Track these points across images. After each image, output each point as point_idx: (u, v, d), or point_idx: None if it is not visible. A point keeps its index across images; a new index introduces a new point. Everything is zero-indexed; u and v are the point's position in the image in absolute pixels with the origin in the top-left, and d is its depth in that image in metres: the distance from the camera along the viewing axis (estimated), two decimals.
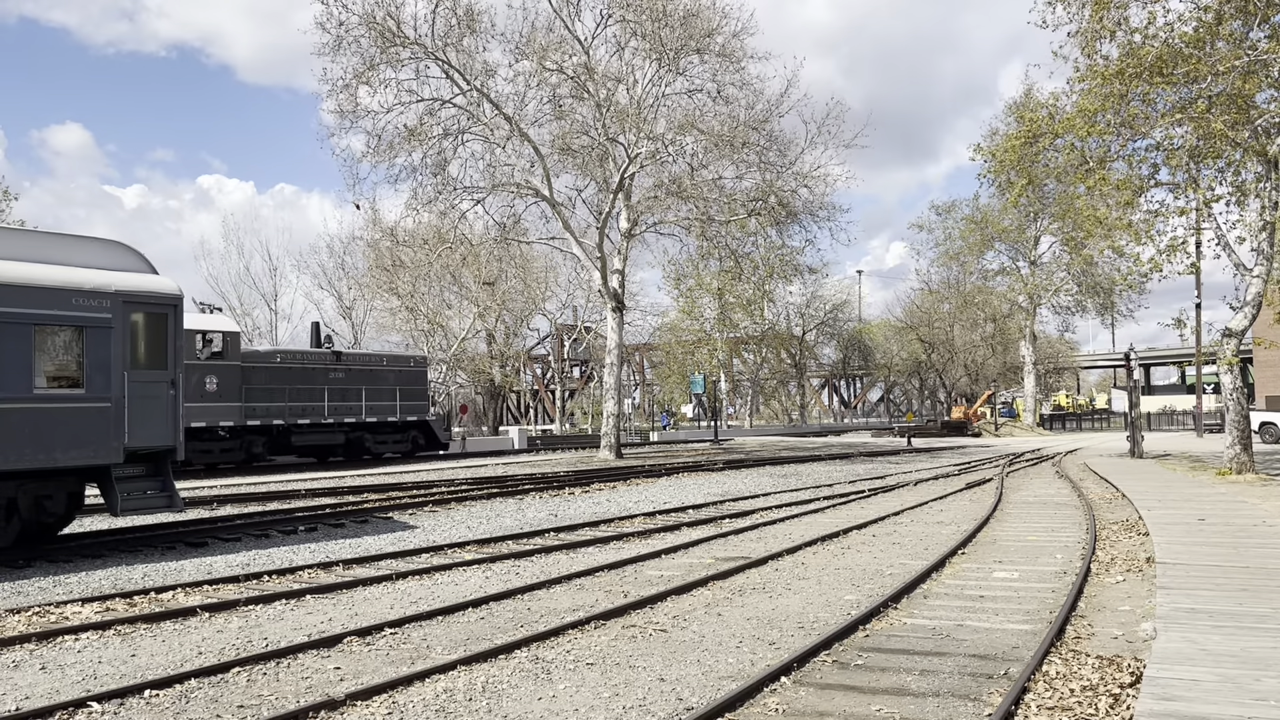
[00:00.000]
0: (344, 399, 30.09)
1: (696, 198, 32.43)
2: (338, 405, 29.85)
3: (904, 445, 45.44)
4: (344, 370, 30.20)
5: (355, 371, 30.65)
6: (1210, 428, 48.09)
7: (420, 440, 33.30)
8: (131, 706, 6.15)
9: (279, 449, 28.79)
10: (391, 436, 32.04)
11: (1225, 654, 6.16)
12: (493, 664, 7.01)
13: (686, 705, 6.03)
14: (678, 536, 13.78)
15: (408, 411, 32.25)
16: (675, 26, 30.99)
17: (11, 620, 8.60)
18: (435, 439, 33.71)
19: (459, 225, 32.59)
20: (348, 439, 30.53)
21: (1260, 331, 35.73)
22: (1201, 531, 11.97)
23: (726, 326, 70.17)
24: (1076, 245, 37.41)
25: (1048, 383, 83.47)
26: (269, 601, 9.33)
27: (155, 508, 12.59)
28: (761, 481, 23.39)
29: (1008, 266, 64.34)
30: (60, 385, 11.74)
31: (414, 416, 32.54)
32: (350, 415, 30.30)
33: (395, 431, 32.14)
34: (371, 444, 31.28)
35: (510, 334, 61.27)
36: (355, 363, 31.02)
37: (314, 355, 29.85)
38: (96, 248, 12.67)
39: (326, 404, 29.50)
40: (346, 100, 29.42)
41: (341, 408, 29.98)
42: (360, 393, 30.61)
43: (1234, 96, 19.51)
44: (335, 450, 30.66)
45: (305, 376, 28.96)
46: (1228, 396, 21.98)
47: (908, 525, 14.78)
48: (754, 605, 9.00)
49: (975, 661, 6.97)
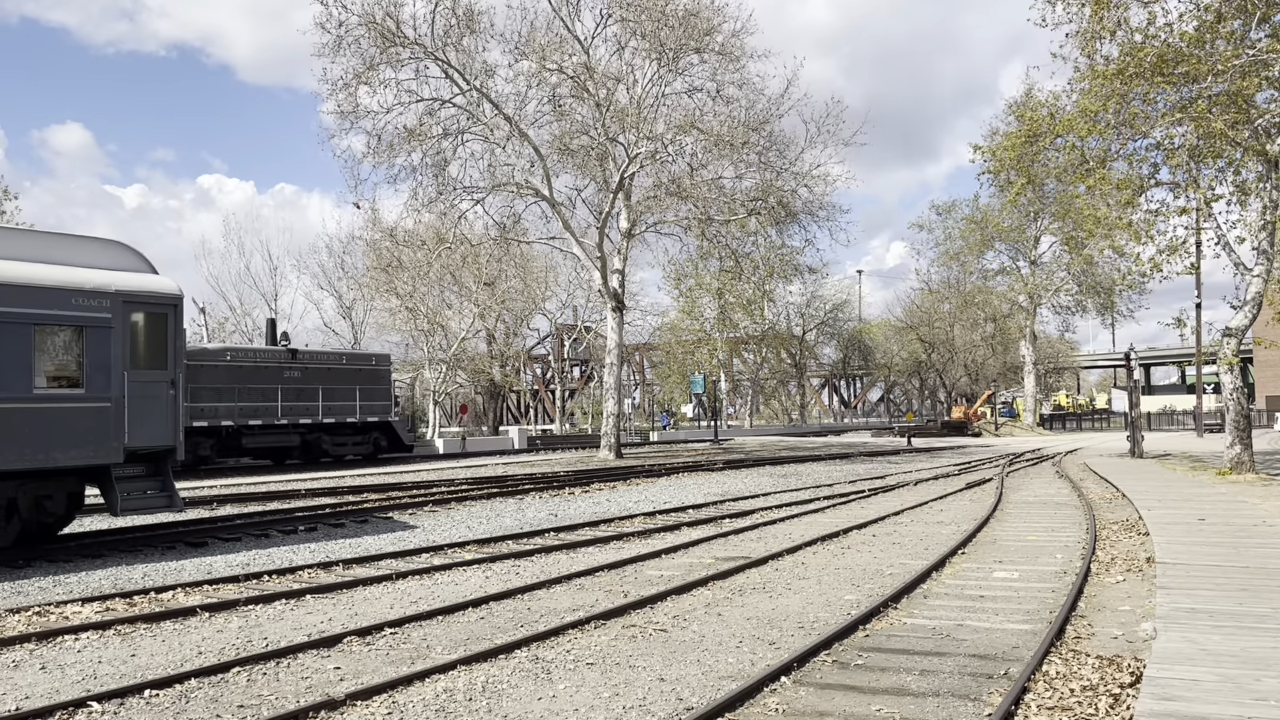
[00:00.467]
0: (299, 399, 29.12)
1: (696, 198, 32.43)
2: (292, 405, 28.89)
3: (904, 445, 45.43)
4: (300, 369, 29.24)
5: (312, 370, 29.66)
6: (1210, 428, 48.10)
7: (382, 442, 32.29)
8: (131, 706, 6.15)
9: (229, 451, 27.95)
10: (351, 438, 31.05)
11: (1225, 654, 6.16)
12: (493, 664, 7.01)
13: (686, 705, 6.03)
14: (678, 536, 13.78)
15: (368, 412, 31.23)
16: (675, 26, 31.00)
17: (11, 620, 8.60)
18: (399, 441, 32.72)
19: (459, 225, 32.58)
20: (304, 440, 29.58)
21: (1260, 331, 35.77)
22: (1202, 531, 11.97)
23: (726, 326, 70.15)
24: (1076, 245, 37.44)
25: (1048, 383, 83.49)
26: (269, 601, 9.32)
27: (155, 508, 12.59)
28: (761, 481, 23.39)
29: (1008, 266, 64.43)
30: (60, 385, 11.74)
31: (375, 417, 31.54)
32: (306, 416, 29.35)
33: (355, 433, 31.16)
34: (329, 446, 30.29)
35: (510, 334, 61.25)
36: (312, 361, 30.06)
37: (267, 353, 28.99)
38: (96, 247, 12.68)
39: (280, 404, 28.54)
40: (346, 101, 29.45)
41: (297, 408, 29.02)
42: (317, 392, 29.64)
43: (1234, 96, 19.50)
44: (290, 452, 29.70)
45: (258, 375, 28.00)
46: (1228, 396, 21.98)
47: (908, 525, 14.78)
48: (754, 605, 8.99)
49: (975, 661, 6.96)
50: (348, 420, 30.54)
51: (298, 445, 29.51)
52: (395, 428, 32.42)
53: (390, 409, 32.32)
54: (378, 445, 32.14)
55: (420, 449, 38.76)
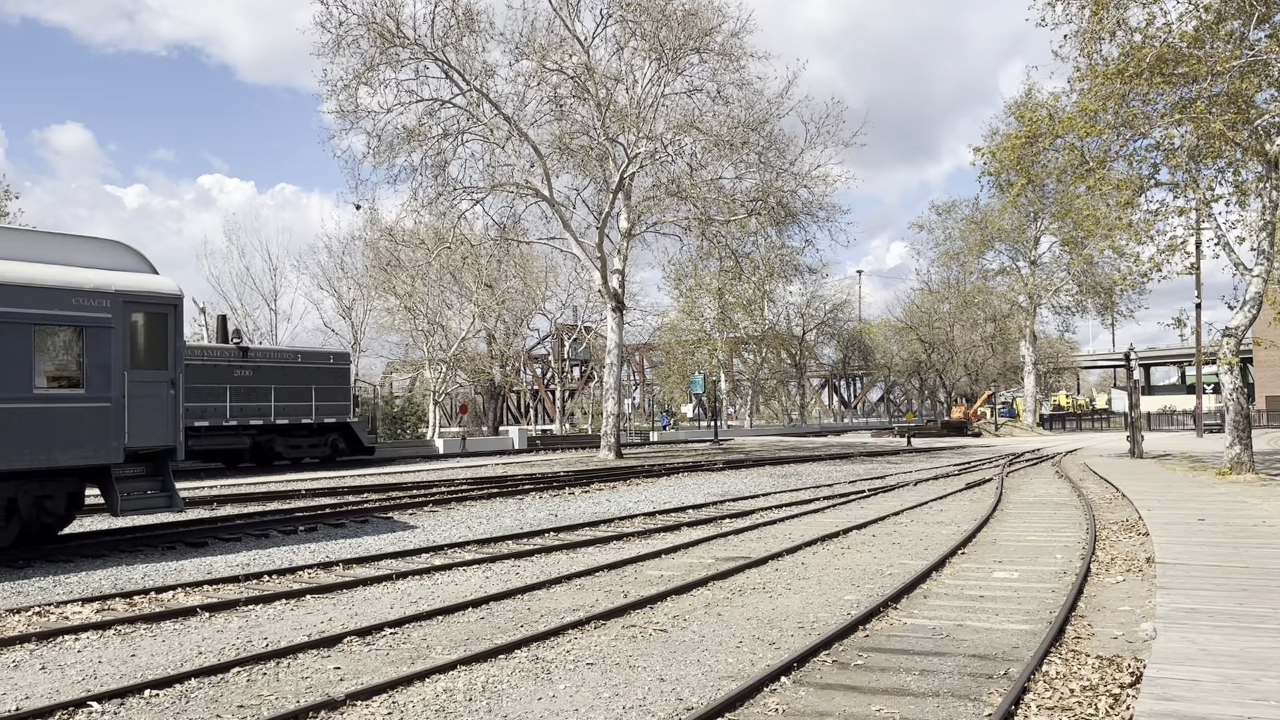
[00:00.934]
0: (250, 399, 27.68)
1: (696, 198, 32.44)
2: (243, 406, 27.48)
3: (904, 445, 45.44)
4: (251, 368, 27.84)
5: (264, 369, 28.26)
6: (1210, 428, 48.09)
7: (340, 444, 30.72)
8: (131, 706, 6.15)
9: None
10: (307, 440, 29.53)
11: (1225, 654, 6.16)
12: (493, 664, 7.01)
13: (686, 705, 6.03)
14: (678, 536, 13.78)
15: (325, 413, 29.64)
16: (675, 26, 31.02)
17: (11, 620, 8.60)
18: (358, 443, 31.06)
19: (458, 225, 32.58)
20: (255, 442, 28.21)
21: (1260, 331, 35.74)
22: (1201, 532, 11.97)
23: (726, 326, 70.14)
24: (1076, 245, 37.50)
25: (1048, 383, 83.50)
26: (269, 601, 9.32)
27: (155, 508, 12.60)
28: (761, 481, 23.39)
29: (1008, 266, 64.42)
30: (60, 385, 11.74)
31: (332, 418, 29.90)
32: (257, 417, 27.93)
33: (311, 435, 29.63)
34: (283, 448, 28.92)
35: (510, 334, 61.25)
36: (265, 359, 28.61)
37: (215, 351, 27.67)
38: (96, 247, 12.68)
39: (229, 404, 27.14)
40: (346, 100, 29.47)
41: (247, 408, 27.60)
42: (270, 392, 28.21)
43: (1233, 96, 19.51)
44: (241, 455, 28.34)
45: (204, 374, 26.33)
46: (1227, 396, 21.98)
47: (908, 525, 14.78)
48: (754, 605, 9.00)
49: (975, 661, 6.97)
50: (302, 421, 28.99)
51: (248, 448, 28.13)
52: (354, 429, 30.85)
53: (349, 409, 30.83)
54: (335, 448, 30.62)
55: (420, 449, 38.76)
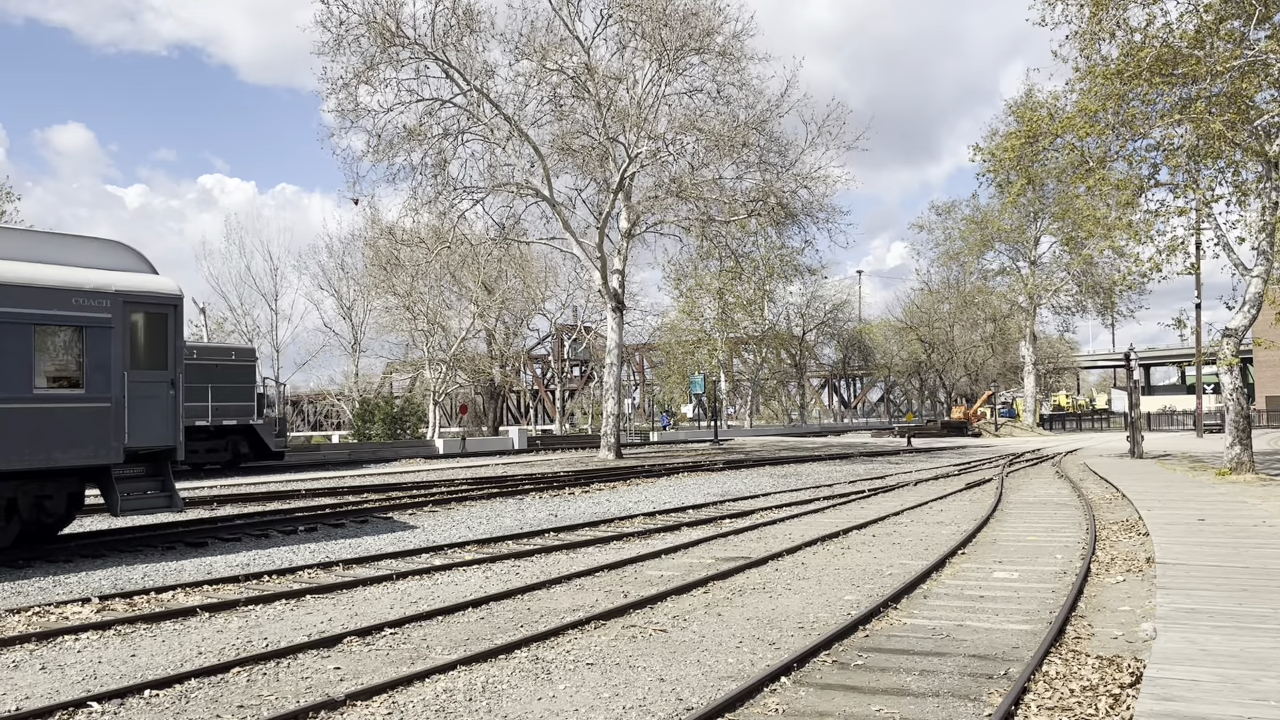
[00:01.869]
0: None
1: (696, 198, 32.45)
2: None
3: (904, 445, 45.43)
4: None
5: None
6: (1210, 428, 48.10)
7: (243, 448, 28.59)
8: (131, 706, 6.15)
9: None
10: (203, 444, 27.38)
11: (1225, 654, 6.16)
12: (493, 664, 7.01)
13: (686, 705, 6.03)
14: (678, 537, 13.78)
15: (224, 414, 27.46)
16: (675, 26, 31.02)
17: (11, 620, 8.60)
18: (264, 447, 28.78)
19: (458, 225, 32.57)
20: None
21: (1260, 331, 35.77)
22: (1201, 532, 11.97)
23: (726, 326, 70.11)
24: (1076, 245, 37.47)
25: (1048, 383, 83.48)
26: (269, 601, 9.32)
27: (155, 508, 12.60)
28: (761, 481, 23.39)
29: (1008, 266, 64.40)
30: (60, 385, 11.74)
31: (233, 420, 27.69)
32: None
33: (208, 438, 27.49)
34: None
35: (510, 334, 61.26)
36: None
37: None
38: (97, 248, 12.68)
39: None
40: (347, 100, 29.47)
41: None
42: None
43: (1233, 96, 19.51)
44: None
45: None
46: (1227, 397, 21.98)
47: (908, 525, 14.78)
48: (754, 605, 8.99)
49: (975, 662, 6.97)
50: (197, 424, 26.52)
51: None
52: (259, 432, 28.54)
53: (253, 411, 28.50)
54: (237, 452, 28.51)
55: (420, 449, 38.74)
